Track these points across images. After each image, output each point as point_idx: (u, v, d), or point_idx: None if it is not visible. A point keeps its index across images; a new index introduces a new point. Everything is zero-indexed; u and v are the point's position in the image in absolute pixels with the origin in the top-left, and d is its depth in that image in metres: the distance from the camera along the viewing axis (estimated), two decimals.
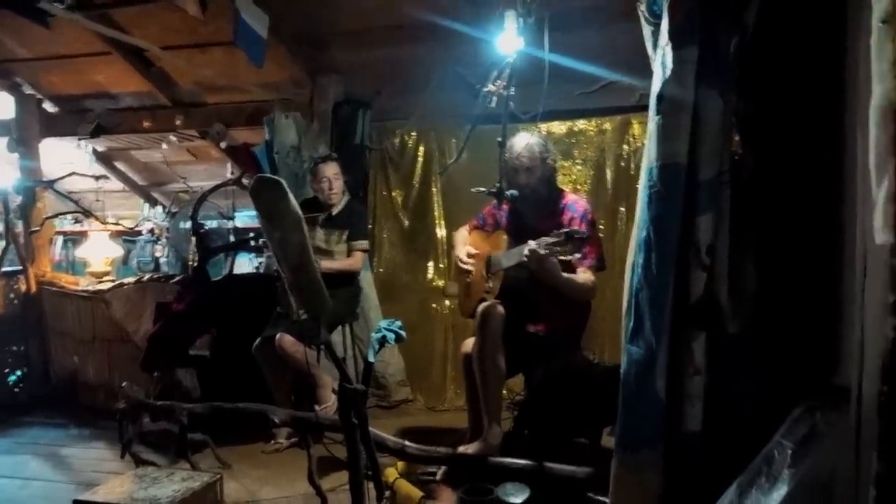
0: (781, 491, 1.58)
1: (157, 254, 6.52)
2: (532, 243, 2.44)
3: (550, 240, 2.36)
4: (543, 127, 4.39)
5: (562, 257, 2.37)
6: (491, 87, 2.55)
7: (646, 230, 1.98)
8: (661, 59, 2.00)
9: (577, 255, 2.44)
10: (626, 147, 4.39)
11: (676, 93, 1.94)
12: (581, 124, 4.47)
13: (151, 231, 6.50)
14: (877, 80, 1.26)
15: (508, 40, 2.49)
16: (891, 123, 1.23)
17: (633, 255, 2.14)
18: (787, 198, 1.98)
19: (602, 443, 2.87)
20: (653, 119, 2.02)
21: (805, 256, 1.94)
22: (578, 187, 4.42)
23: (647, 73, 4.11)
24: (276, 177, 1.63)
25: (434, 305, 4.57)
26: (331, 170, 3.60)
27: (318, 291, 1.74)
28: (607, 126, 4.43)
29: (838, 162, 1.85)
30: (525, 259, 2.47)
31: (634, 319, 2.00)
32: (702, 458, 1.91)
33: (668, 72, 1.95)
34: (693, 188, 1.95)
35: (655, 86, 2.03)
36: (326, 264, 3.49)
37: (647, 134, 2.10)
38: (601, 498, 2.23)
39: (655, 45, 2.20)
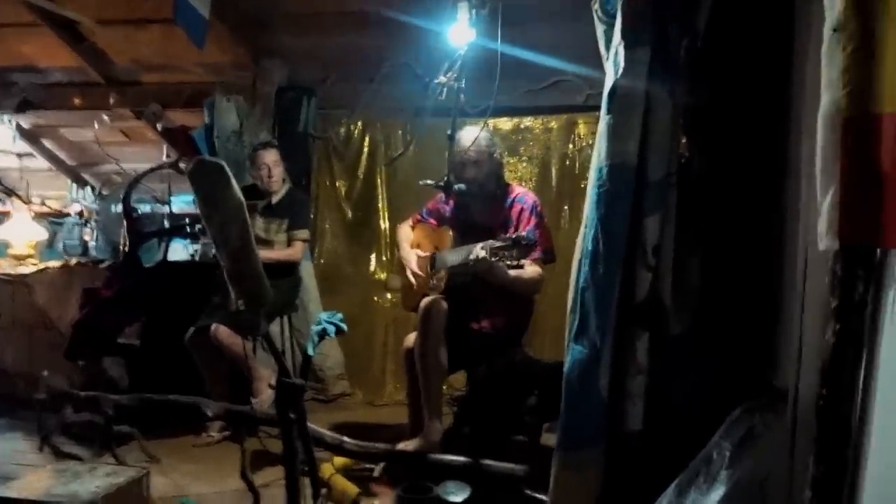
0: (719, 491, 1.60)
1: (86, 237, 6.22)
2: (479, 248, 2.42)
3: (497, 244, 2.35)
4: (490, 123, 4.36)
5: (508, 262, 2.36)
6: (441, 79, 2.51)
7: (594, 229, 1.98)
8: (614, 58, 2.00)
9: (524, 262, 2.44)
10: (571, 146, 4.42)
11: (628, 92, 1.94)
12: (528, 122, 4.48)
13: (80, 213, 6.20)
14: (826, 88, 1.27)
15: (460, 32, 2.45)
16: (838, 130, 1.25)
17: (579, 254, 2.14)
18: (732, 201, 2.02)
19: (542, 440, 2.88)
20: (603, 118, 2.02)
21: (748, 259, 1.98)
22: (523, 184, 4.42)
23: (595, 72, 4.19)
24: (218, 160, 1.54)
25: (376, 298, 4.51)
26: (270, 157, 3.49)
27: (258, 281, 1.67)
28: (553, 124, 4.45)
29: (782, 167, 1.89)
30: (470, 262, 2.45)
31: (579, 318, 1.99)
32: (643, 457, 1.93)
33: (620, 71, 1.95)
34: (641, 188, 1.96)
35: (607, 85, 2.03)
36: (265, 254, 3.38)
37: (597, 133, 2.10)
38: (541, 496, 2.22)
39: (608, 45, 2.20)
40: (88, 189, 6.59)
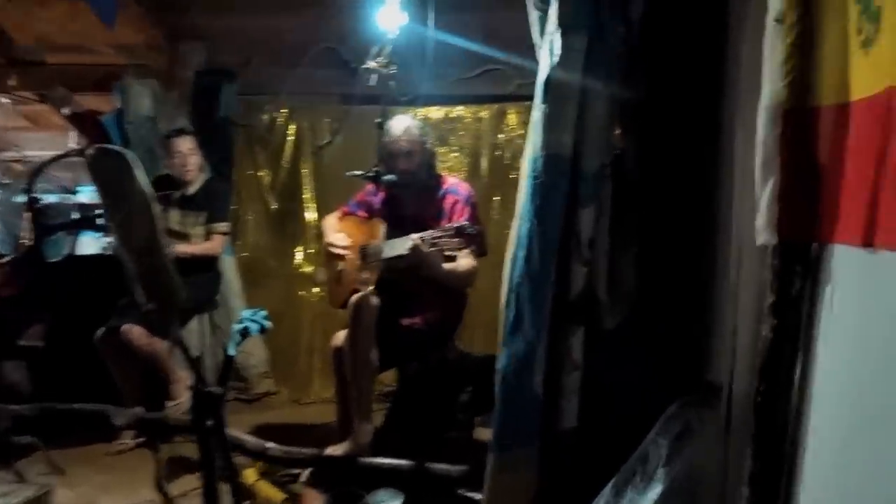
0: (656, 490, 1.57)
1: None
2: (415, 237, 2.32)
3: (437, 234, 2.25)
4: (421, 112, 4.28)
5: (448, 252, 2.27)
6: (371, 65, 2.39)
7: (529, 222, 1.92)
8: (549, 46, 1.94)
9: (466, 251, 2.36)
10: (501, 136, 4.38)
11: (563, 81, 1.88)
12: (458, 111, 4.41)
13: None
14: (767, 79, 1.24)
15: (391, 15, 2.34)
16: (779, 123, 1.22)
17: (513, 247, 2.08)
18: (667, 194, 2.00)
19: (474, 434, 2.83)
20: (538, 107, 1.95)
21: (682, 253, 1.96)
22: (454, 174, 4.35)
23: (526, 61, 4.15)
24: (120, 148, 1.39)
25: (301, 293, 4.35)
26: (185, 144, 3.28)
27: (167, 280, 1.52)
28: (484, 114, 4.40)
29: (715, 161, 1.88)
30: (406, 253, 2.35)
31: (514, 313, 1.93)
32: (578, 455, 1.89)
33: (556, 59, 1.89)
34: (576, 180, 1.91)
35: (542, 73, 1.97)
36: (182, 248, 3.19)
37: (530, 123, 2.04)
38: (475, 496, 2.16)
39: (542, 32, 2.14)
40: None
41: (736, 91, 1.77)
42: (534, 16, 2.17)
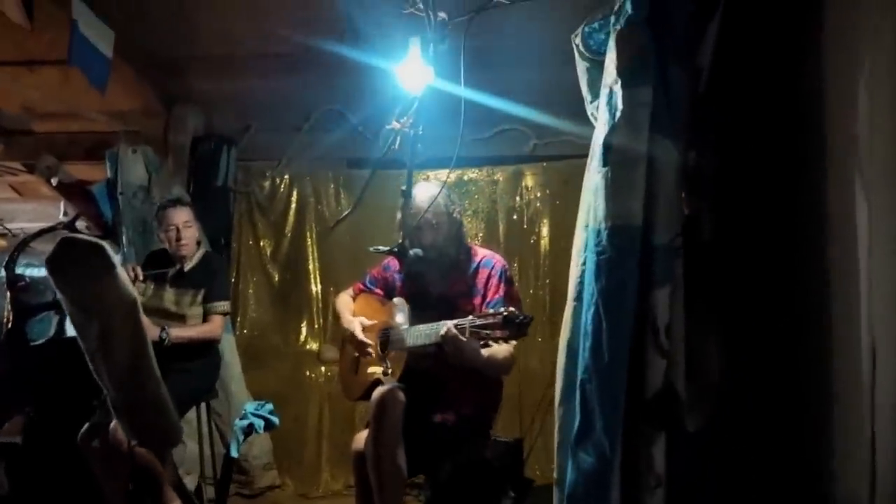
0: None
1: None
2: (450, 325, 2.00)
3: (480, 322, 1.94)
4: (431, 174, 4.03)
5: (493, 343, 1.95)
6: (395, 125, 2.12)
7: (594, 307, 1.61)
8: (608, 100, 1.67)
9: (514, 342, 2.04)
10: (518, 199, 4.11)
11: (629, 140, 1.61)
12: (472, 173, 4.15)
13: None
14: None
15: (415, 72, 2.08)
16: None
17: (567, 334, 1.77)
18: (751, 264, 1.70)
19: None
20: (598, 171, 1.67)
21: (776, 336, 1.65)
22: (469, 240, 4.06)
23: (543, 120, 3.92)
24: (95, 240, 1.07)
25: (308, 372, 3.99)
26: (180, 216, 2.97)
27: (159, 416, 1.19)
28: (499, 176, 4.14)
29: (818, 226, 1.58)
30: (437, 342, 2.02)
31: (581, 418, 1.60)
32: None
33: (619, 115, 1.62)
34: (647, 255, 1.61)
35: (600, 132, 1.70)
36: (178, 332, 2.85)
37: (587, 189, 1.75)
38: None
39: (592, 85, 1.89)
40: None
41: (837, 142, 1.50)
42: (581, 66, 1.92)
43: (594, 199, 1.67)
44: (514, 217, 4.09)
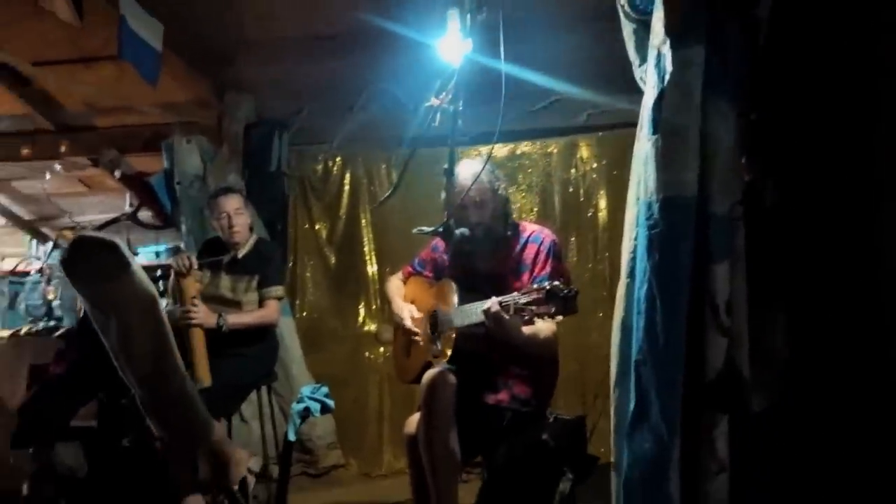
0: None
1: (49, 297, 5.69)
2: (494, 301, 1.94)
3: (523, 298, 1.87)
4: (483, 150, 3.94)
5: (538, 320, 1.88)
6: (434, 101, 2.05)
7: (647, 284, 1.51)
8: (656, 62, 1.56)
9: (560, 318, 1.96)
10: (573, 171, 3.99)
11: (680, 104, 1.50)
12: (525, 146, 4.04)
13: (41, 271, 5.67)
14: None
15: (453, 44, 2.00)
16: None
17: (621, 313, 1.68)
18: (822, 236, 1.57)
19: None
20: (647, 139, 1.57)
21: (851, 314, 1.52)
22: (524, 216, 3.98)
23: (597, 89, 3.78)
24: (109, 237, 1.05)
25: (367, 354, 4.01)
26: (231, 203, 3.00)
27: (187, 413, 1.18)
28: (553, 148, 4.02)
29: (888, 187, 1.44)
30: (482, 320, 1.97)
31: (636, 401, 1.52)
32: None
33: (668, 78, 1.51)
34: (703, 227, 1.50)
35: (648, 97, 1.58)
36: (235, 318, 2.89)
37: (635, 158, 1.65)
38: None
39: (639, 47, 1.77)
40: (50, 244, 6.07)
41: None
42: (628, 28, 1.80)
43: (644, 170, 1.57)
44: (570, 190, 3.98)
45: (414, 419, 2.21)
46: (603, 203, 3.89)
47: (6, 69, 4.01)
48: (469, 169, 2.21)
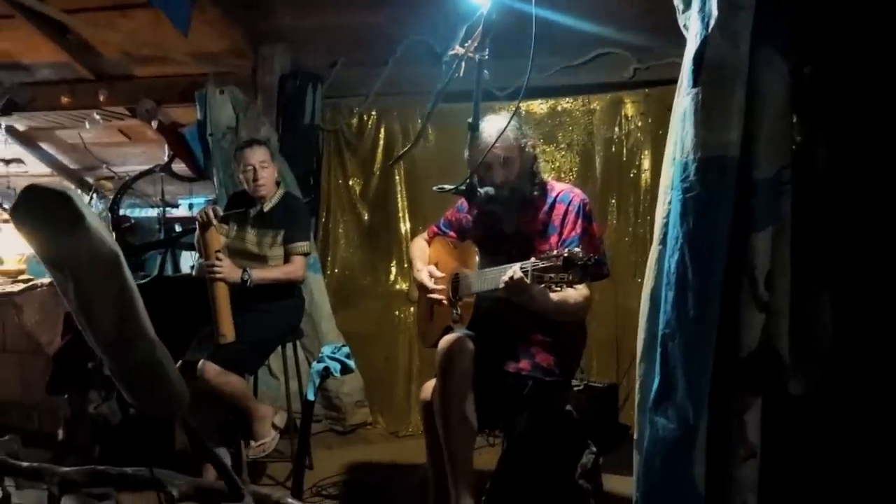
0: None
1: None
2: (515, 269, 1.83)
3: (542, 264, 1.75)
4: (522, 106, 3.78)
5: (556, 287, 1.76)
6: (458, 50, 1.92)
7: (679, 252, 1.39)
8: (701, 5, 1.40)
9: (582, 286, 1.85)
10: (617, 130, 3.79)
11: (725, 54, 1.35)
12: (566, 103, 3.86)
13: None
14: None
15: None
16: None
17: (651, 282, 1.55)
18: (878, 206, 1.41)
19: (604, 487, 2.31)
20: (687, 93, 1.42)
21: None
22: (563, 175, 3.83)
23: (643, 41, 3.55)
24: (60, 187, 0.97)
25: (397, 313, 3.95)
26: (257, 156, 2.92)
27: (157, 382, 1.11)
28: (596, 105, 3.82)
29: None
30: (501, 287, 1.86)
31: (661, 378, 1.41)
32: None
33: (712, 23, 1.35)
34: (746, 192, 1.37)
35: (691, 45, 1.43)
36: (260, 273, 2.85)
37: (674, 114, 1.50)
38: None
39: None
40: (95, 194, 6.17)
41: None
42: None
43: (682, 127, 1.43)
44: (613, 150, 3.79)
45: (430, 385, 2.14)
46: (647, 163, 3.71)
47: (45, 17, 4.00)
48: (495, 125, 2.08)
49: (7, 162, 5.09)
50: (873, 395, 1.39)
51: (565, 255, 1.69)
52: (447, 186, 2.00)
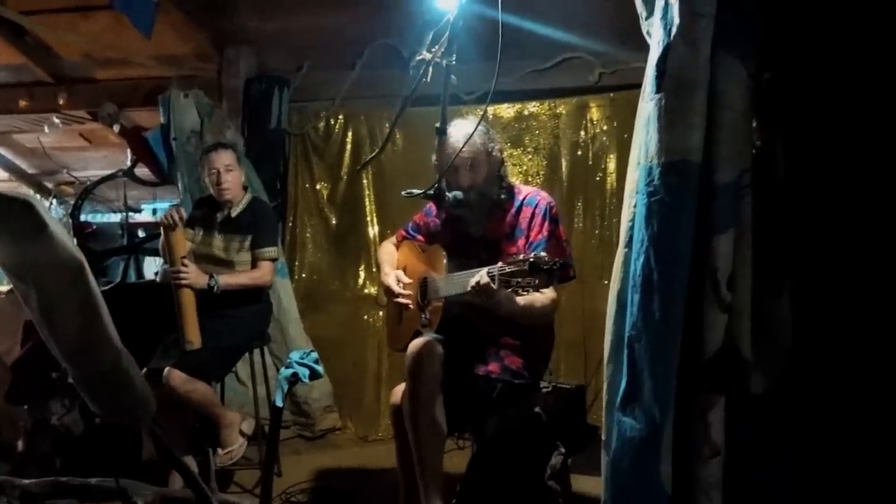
0: None
1: None
2: (482, 274, 1.84)
3: (508, 269, 1.77)
4: (490, 110, 3.81)
5: (522, 291, 1.78)
6: (425, 55, 1.93)
7: (644, 255, 1.41)
8: (663, 13, 1.43)
9: (549, 289, 1.86)
10: (583, 133, 3.84)
11: (686, 60, 1.37)
12: (532, 107, 3.89)
13: None
14: None
15: None
16: None
17: (617, 285, 1.58)
18: (836, 209, 1.45)
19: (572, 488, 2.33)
20: (650, 98, 1.45)
21: (863, 292, 1.41)
22: (530, 179, 3.86)
23: (608, 47, 3.60)
24: (22, 195, 0.95)
25: (366, 317, 3.94)
26: (223, 159, 2.88)
27: (122, 391, 1.10)
28: (562, 109, 3.87)
29: None
30: (470, 292, 1.87)
31: (628, 379, 1.43)
32: None
33: (674, 30, 1.38)
34: (707, 196, 1.40)
35: (654, 52, 1.46)
36: (227, 279, 2.82)
37: (638, 119, 1.53)
38: None
39: None
40: (54, 199, 6.03)
41: None
42: None
43: (645, 132, 1.45)
44: (579, 153, 3.84)
45: (399, 389, 2.14)
46: (612, 166, 3.76)
47: (0, 19, 3.91)
48: (462, 129, 2.09)
49: None
50: (833, 392, 1.43)
51: (531, 259, 1.71)
52: (415, 191, 2.00)
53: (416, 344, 2.01)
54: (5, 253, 0.92)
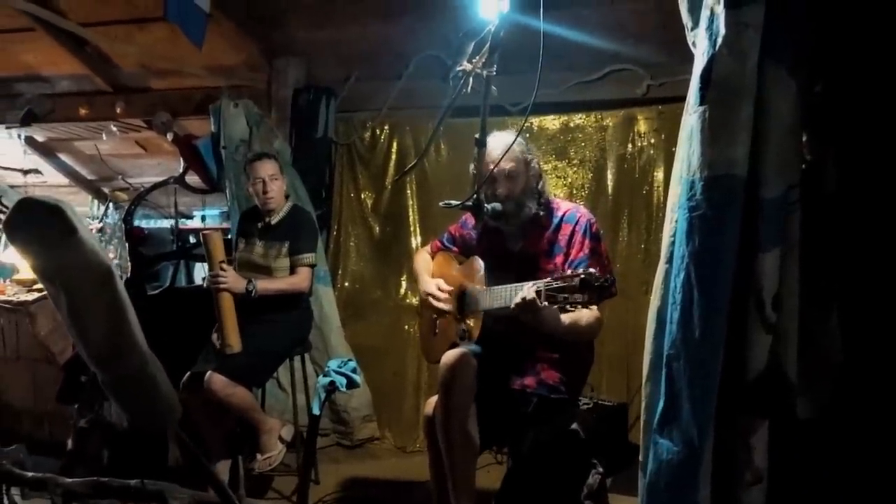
0: None
1: (109, 255, 5.87)
2: (528, 288, 1.81)
3: (555, 284, 1.73)
4: (535, 122, 3.78)
5: (570, 308, 1.74)
6: (466, 66, 1.92)
7: (684, 271, 1.37)
8: (708, 24, 1.39)
9: (594, 307, 1.83)
10: (630, 146, 3.77)
11: (733, 72, 1.33)
12: (578, 119, 3.84)
13: (101, 230, 5.84)
14: None
15: (489, 3, 1.86)
16: None
17: (657, 302, 1.54)
18: (887, 228, 1.38)
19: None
20: (694, 111, 1.41)
21: None
22: (575, 192, 3.81)
23: (657, 57, 3.55)
24: (54, 200, 0.97)
25: (406, 327, 3.93)
26: (266, 169, 2.95)
27: (150, 394, 1.11)
28: (609, 122, 3.80)
29: None
30: (512, 307, 1.84)
31: (666, 400, 1.39)
32: None
33: (720, 41, 1.34)
34: (753, 211, 1.35)
35: (699, 63, 1.42)
36: (264, 284, 2.86)
37: (682, 132, 1.49)
38: None
39: (693, 8, 1.59)
40: (111, 205, 6.23)
41: None
42: None
43: (689, 145, 1.41)
44: (625, 166, 3.76)
45: (433, 400, 2.12)
46: (659, 180, 3.68)
47: (65, 30, 4.06)
48: (502, 140, 2.07)
49: (25, 172, 5.16)
50: (883, 419, 1.36)
51: (582, 275, 1.68)
52: (454, 202, 1.99)
53: (449, 355, 2.00)
54: (36, 256, 0.94)
